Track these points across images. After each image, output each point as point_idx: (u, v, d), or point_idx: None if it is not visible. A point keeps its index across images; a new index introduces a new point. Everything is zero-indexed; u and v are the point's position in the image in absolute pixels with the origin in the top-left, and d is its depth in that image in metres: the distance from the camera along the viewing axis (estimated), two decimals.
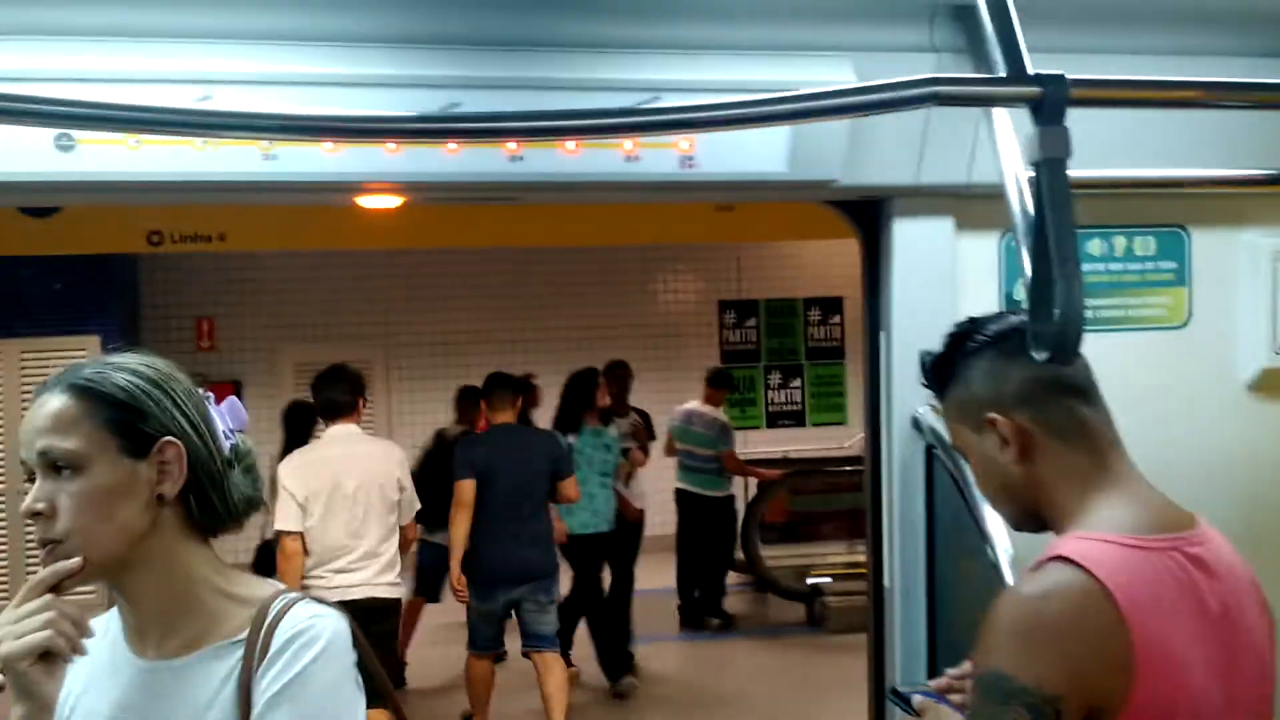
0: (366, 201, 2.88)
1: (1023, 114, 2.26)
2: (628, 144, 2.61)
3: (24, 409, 8.01)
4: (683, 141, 2.61)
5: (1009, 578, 2.51)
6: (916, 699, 2.07)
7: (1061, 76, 1.91)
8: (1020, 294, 2.98)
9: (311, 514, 5.49)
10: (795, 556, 9.54)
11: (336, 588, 5.31)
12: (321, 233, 7.74)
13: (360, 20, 2.48)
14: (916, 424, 2.86)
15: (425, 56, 2.47)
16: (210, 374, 11.33)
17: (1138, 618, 1.55)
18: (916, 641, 2.89)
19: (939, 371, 1.89)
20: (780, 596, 9.39)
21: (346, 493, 5.55)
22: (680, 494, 8.95)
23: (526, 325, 11.84)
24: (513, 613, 6.49)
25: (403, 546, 5.80)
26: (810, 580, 9.22)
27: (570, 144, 2.58)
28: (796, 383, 12.30)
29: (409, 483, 5.87)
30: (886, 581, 2.95)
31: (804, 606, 9.12)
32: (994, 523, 2.57)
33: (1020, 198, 2.21)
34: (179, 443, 1.55)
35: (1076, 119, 1.89)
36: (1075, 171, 1.88)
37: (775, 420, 12.21)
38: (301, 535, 5.48)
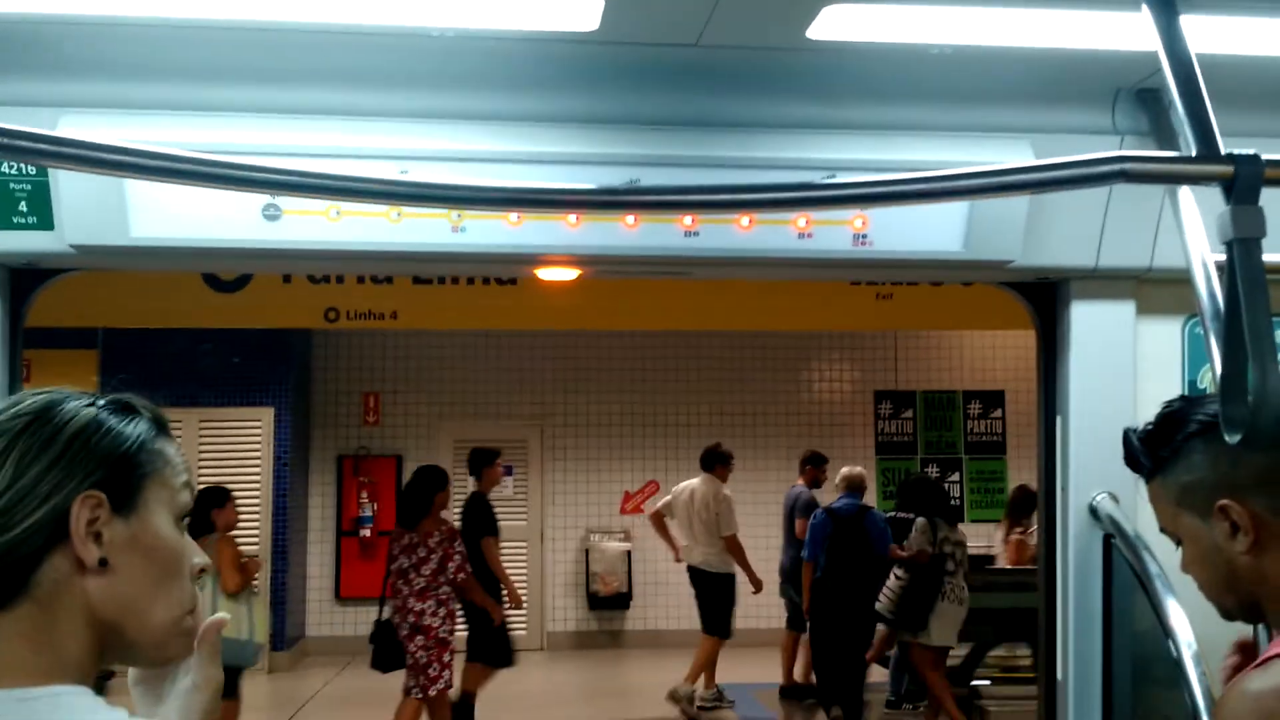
0: (545, 274, 2.98)
1: (1207, 198, 2.22)
2: (801, 221, 2.64)
3: (202, 474, 8.41)
4: (857, 220, 2.63)
5: (1194, 677, 2.40)
6: None
7: (1256, 155, 1.86)
8: (1204, 382, 2.89)
9: None
10: (950, 657, 9.24)
11: None
12: (487, 313, 7.97)
13: (547, 101, 2.59)
14: (1094, 512, 2.78)
15: (609, 135, 2.57)
16: (373, 448, 11.71)
17: None
18: None
19: (1154, 451, 1.80)
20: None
21: None
22: None
23: (681, 409, 11.90)
24: None
25: None
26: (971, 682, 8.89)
27: (745, 220, 2.63)
28: (955, 476, 12.01)
29: None
30: (1059, 674, 2.85)
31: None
32: (1177, 617, 2.47)
33: (1207, 281, 2.16)
34: None
35: (1267, 200, 1.84)
36: (1268, 256, 1.83)
37: None
38: None
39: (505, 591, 7.76)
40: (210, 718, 1.31)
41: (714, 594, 8.72)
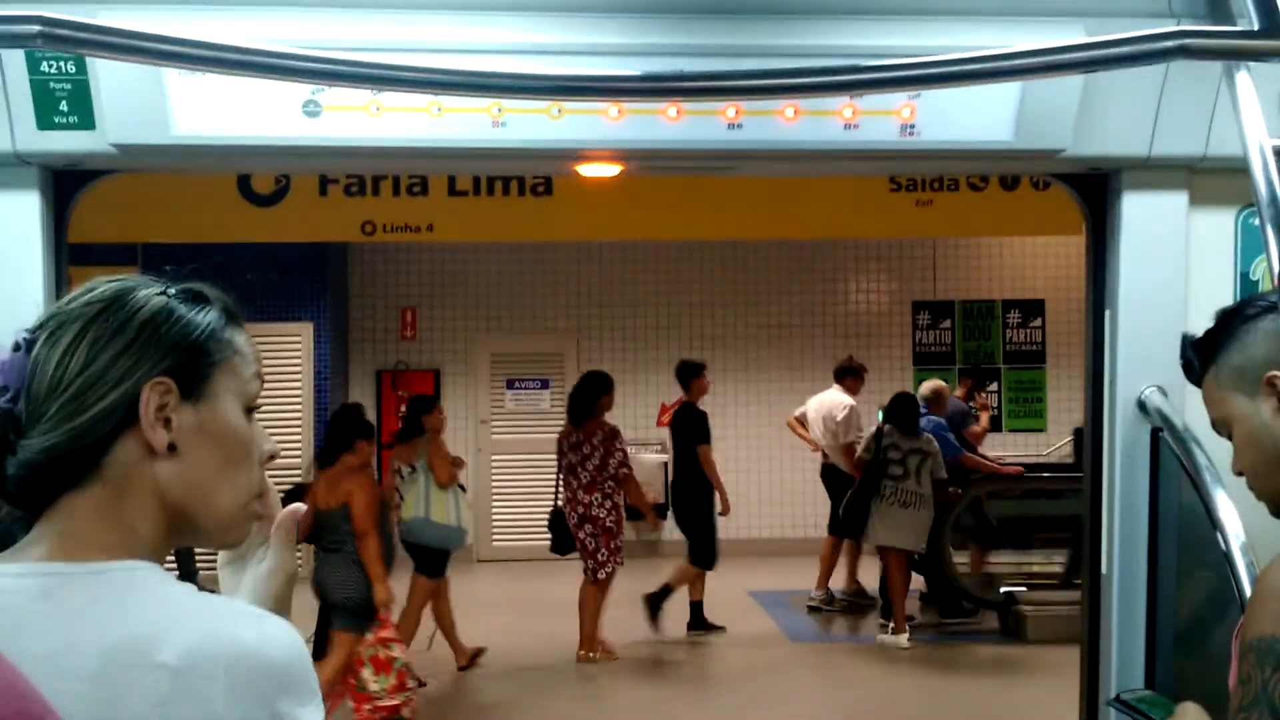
0: (587, 170, 2.95)
1: (1266, 83, 2.15)
2: (847, 111, 2.59)
3: None
4: (904, 109, 2.58)
5: (1242, 567, 2.40)
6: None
7: None
8: (1257, 273, 2.84)
9: None
10: (987, 564, 9.32)
11: None
12: (522, 224, 7.96)
13: None
14: (1142, 406, 2.75)
15: (650, 24, 2.52)
16: (411, 362, 11.78)
17: None
18: (1134, 631, 2.78)
19: (1211, 341, 1.81)
20: (970, 604, 9.14)
21: None
22: None
23: (717, 321, 11.88)
24: None
25: None
26: (1004, 589, 8.95)
27: (789, 111, 2.59)
28: (993, 387, 11.95)
29: None
30: (1104, 568, 2.85)
31: (995, 615, 8.87)
32: (1226, 510, 2.46)
33: (1265, 167, 2.11)
34: None
35: None
36: None
37: None
38: None
39: (719, 497, 8.33)
40: (282, 603, 1.33)
41: (842, 495, 8.95)
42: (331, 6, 2.48)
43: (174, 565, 6.63)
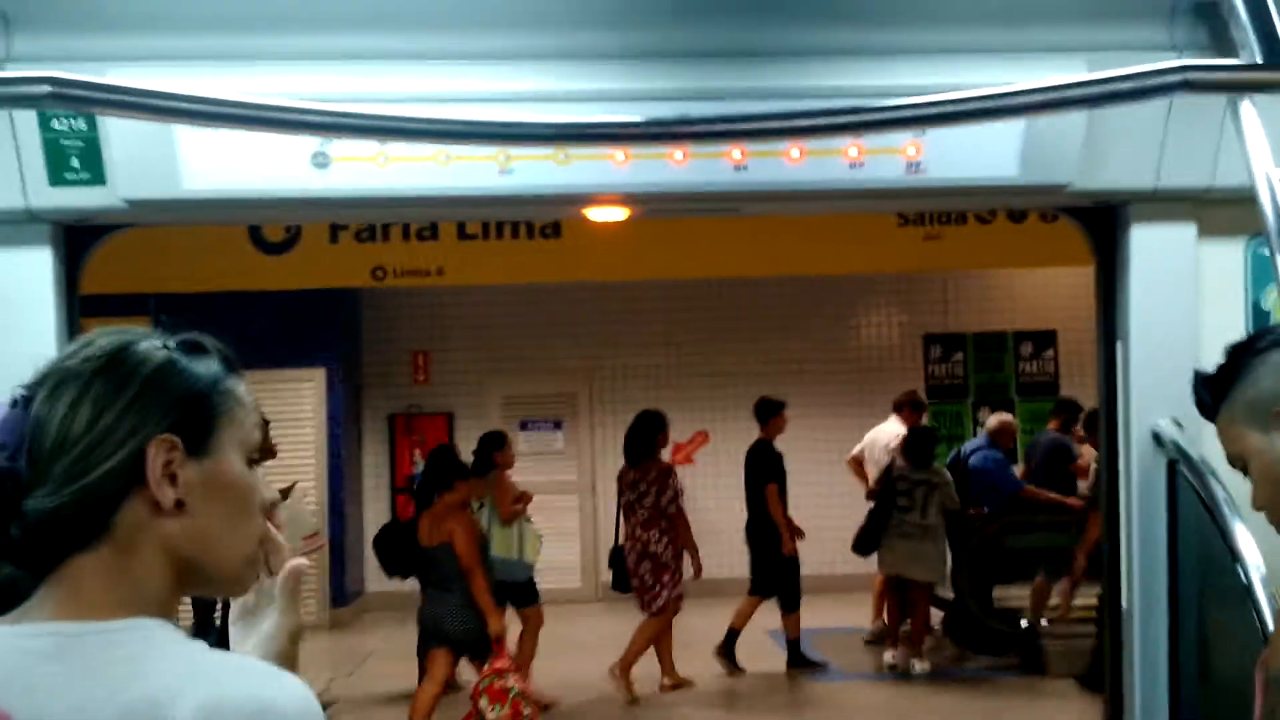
0: (595, 214, 2.96)
1: (1270, 112, 2.16)
2: (852, 151, 2.60)
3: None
4: (909, 147, 2.58)
5: (1263, 599, 2.37)
6: None
7: None
8: (1268, 302, 2.83)
9: None
10: (1006, 597, 9.22)
11: None
12: (531, 266, 7.99)
13: (591, 37, 2.56)
14: (1157, 438, 2.73)
15: (655, 69, 2.53)
16: (424, 406, 11.79)
17: None
18: (1156, 665, 2.75)
19: (1223, 378, 1.81)
20: (991, 638, 9.05)
21: None
22: None
23: (728, 358, 11.87)
24: None
25: None
26: (1025, 621, 8.87)
27: (794, 152, 2.60)
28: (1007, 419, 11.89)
29: None
30: (1124, 603, 2.82)
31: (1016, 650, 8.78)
32: (1245, 542, 2.44)
33: (1272, 196, 2.11)
34: None
35: None
36: None
37: None
38: None
39: (784, 537, 8.38)
40: (287, 660, 1.32)
41: None
42: (338, 60, 2.50)
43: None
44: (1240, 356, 1.79)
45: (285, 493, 7.81)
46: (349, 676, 7.84)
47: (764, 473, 8.49)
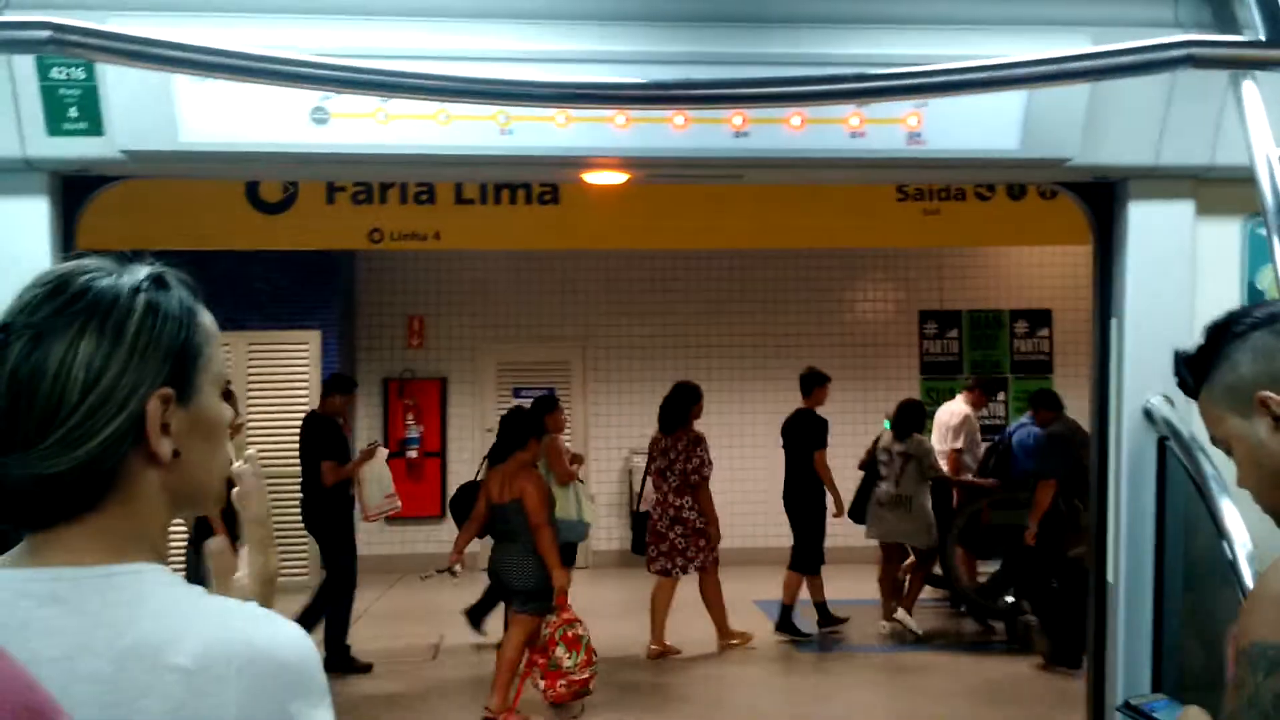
0: (594, 178, 2.96)
1: (1271, 92, 2.16)
2: (853, 120, 2.60)
3: (250, 398, 8.70)
4: (911, 117, 2.58)
5: (1248, 575, 2.39)
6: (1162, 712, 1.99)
7: None
8: (1264, 282, 2.83)
9: None
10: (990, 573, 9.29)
11: None
12: (528, 232, 7.96)
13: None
14: (1149, 415, 2.75)
15: (657, 32, 2.52)
16: (418, 370, 11.79)
17: None
18: (1140, 639, 2.77)
19: (1203, 360, 1.81)
20: (977, 612, 9.13)
21: None
22: None
23: (723, 331, 11.88)
24: None
25: None
26: (1010, 598, 8.92)
27: (796, 120, 2.59)
28: (1000, 396, 11.94)
29: None
30: (1110, 577, 2.84)
31: (1003, 624, 8.84)
32: (1232, 518, 2.45)
33: (1271, 176, 2.11)
34: None
35: None
36: None
37: None
38: None
39: (833, 500, 8.70)
40: (266, 604, 1.32)
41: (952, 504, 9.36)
42: (340, 14, 2.49)
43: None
44: (1219, 339, 1.79)
45: (370, 453, 8.06)
46: None
47: (810, 439, 8.71)
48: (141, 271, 1.22)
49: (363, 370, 11.69)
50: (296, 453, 8.11)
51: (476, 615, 8.17)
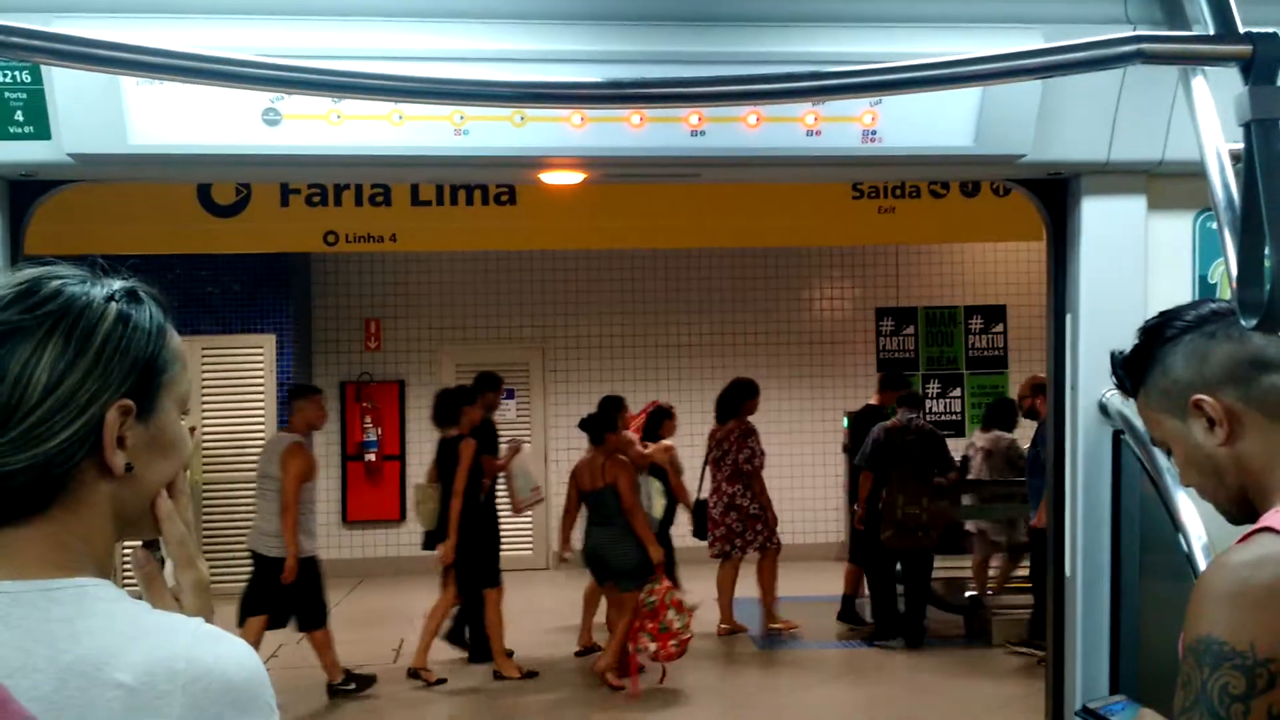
0: (550, 178, 2.94)
1: (1221, 87, 2.17)
2: (809, 118, 2.60)
3: (204, 402, 8.60)
4: (866, 115, 2.59)
5: (1203, 567, 2.42)
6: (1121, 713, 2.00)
7: (1275, 34, 1.83)
8: (1215, 276, 2.87)
9: None
10: (952, 569, 9.36)
11: None
12: (485, 234, 7.94)
13: None
14: (1104, 409, 2.77)
15: (613, 31, 2.51)
16: (375, 374, 11.72)
17: None
18: (1099, 633, 2.80)
19: (1137, 363, 1.83)
20: (936, 608, 9.19)
21: None
22: None
23: (681, 330, 11.90)
24: None
25: None
26: (969, 593, 9.01)
27: (752, 118, 2.59)
28: (956, 392, 12.04)
29: None
30: (1068, 570, 2.86)
31: (961, 620, 8.92)
32: (1188, 511, 2.48)
33: (1221, 171, 2.13)
34: None
35: None
36: None
37: None
38: None
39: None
40: (205, 613, 1.29)
41: None
42: (291, 14, 2.46)
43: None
44: (1151, 343, 1.81)
45: (515, 450, 8.28)
46: (299, 644, 7.78)
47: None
48: (115, 283, 1.21)
49: (319, 374, 11.60)
50: (252, 459, 8.02)
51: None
